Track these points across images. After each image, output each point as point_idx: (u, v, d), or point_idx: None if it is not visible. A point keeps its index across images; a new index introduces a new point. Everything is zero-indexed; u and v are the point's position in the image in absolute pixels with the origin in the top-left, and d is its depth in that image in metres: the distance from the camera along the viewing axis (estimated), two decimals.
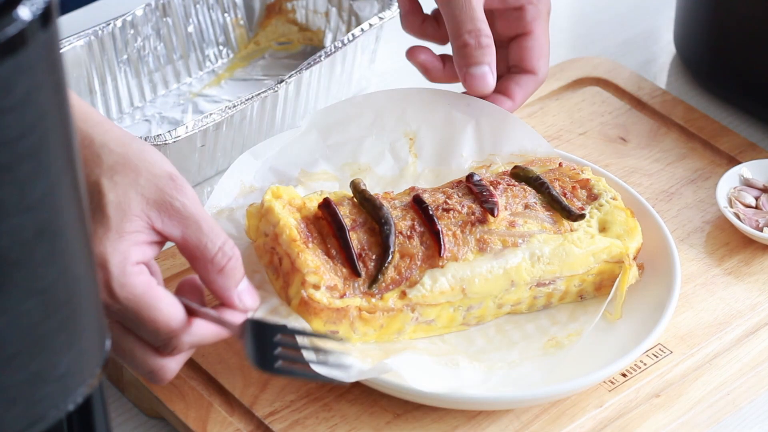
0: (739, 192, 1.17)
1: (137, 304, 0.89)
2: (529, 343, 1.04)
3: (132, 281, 0.89)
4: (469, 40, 1.11)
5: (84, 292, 0.69)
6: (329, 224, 1.03)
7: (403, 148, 1.14)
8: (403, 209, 1.05)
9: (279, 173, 1.11)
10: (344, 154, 1.13)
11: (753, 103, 1.30)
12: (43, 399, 0.67)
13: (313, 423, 0.99)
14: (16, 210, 0.62)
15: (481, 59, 1.11)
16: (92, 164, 0.91)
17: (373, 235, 1.03)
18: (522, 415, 1.00)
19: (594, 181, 1.09)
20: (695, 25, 1.33)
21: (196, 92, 1.30)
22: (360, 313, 1.00)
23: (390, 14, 1.27)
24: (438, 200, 1.05)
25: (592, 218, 1.07)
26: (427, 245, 1.02)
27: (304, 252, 1.00)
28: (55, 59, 0.63)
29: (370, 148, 1.14)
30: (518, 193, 1.07)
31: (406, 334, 1.03)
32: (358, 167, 1.13)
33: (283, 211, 1.02)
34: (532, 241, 1.03)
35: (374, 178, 1.13)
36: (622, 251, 1.05)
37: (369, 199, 1.04)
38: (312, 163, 1.12)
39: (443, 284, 1.01)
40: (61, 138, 0.64)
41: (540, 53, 1.15)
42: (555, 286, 1.05)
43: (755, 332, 1.08)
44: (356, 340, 1.01)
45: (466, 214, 1.04)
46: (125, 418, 1.03)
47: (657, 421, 1.01)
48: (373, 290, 1.01)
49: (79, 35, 1.23)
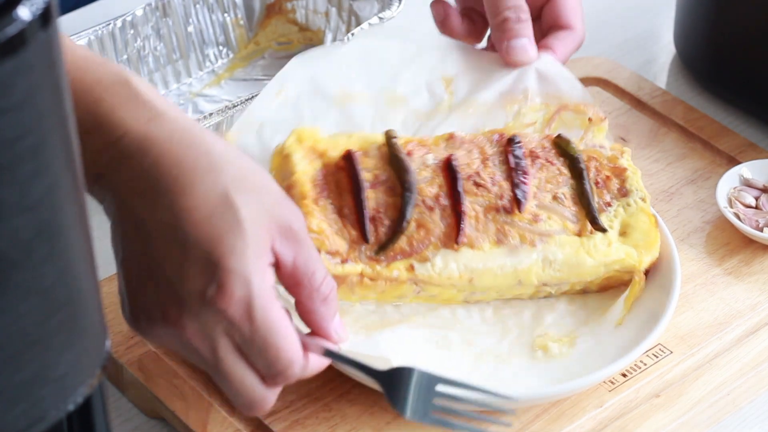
0: (739, 192, 1.17)
1: (270, 330, 0.85)
2: (520, 334, 1.03)
3: (273, 306, 0.85)
4: (510, 14, 1.13)
5: (84, 292, 0.69)
6: (348, 179, 1.02)
7: (440, 86, 1.14)
8: (434, 170, 1.03)
9: (317, 84, 1.11)
10: (382, 80, 1.13)
11: (753, 103, 1.30)
12: (43, 399, 0.67)
13: (313, 423, 0.99)
14: (16, 210, 0.62)
15: (520, 32, 1.13)
16: (208, 171, 0.86)
17: (392, 195, 1.01)
18: (522, 415, 1.00)
19: (630, 172, 1.08)
20: (695, 25, 1.33)
21: (196, 92, 1.30)
22: (361, 280, 0.99)
23: (390, 14, 1.27)
24: (471, 165, 1.04)
25: (615, 218, 1.06)
26: (447, 222, 1.01)
27: (311, 213, 0.99)
28: (55, 59, 0.63)
29: (408, 80, 1.14)
30: (552, 176, 1.05)
31: (407, 299, 1.03)
32: (393, 95, 1.13)
33: (302, 162, 1.01)
34: (549, 243, 1.02)
35: (408, 111, 1.13)
36: (635, 265, 1.04)
37: (399, 158, 1.03)
38: (350, 82, 1.12)
39: (453, 270, 1.01)
40: (61, 138, 0.64)
41: (573, 8, 1.17)
42: (559, 288, 1.05)
43: (755, 332, 1.08)
44: (355, 300, 1.01)
45: (495, 196, 1.03)
46: (125, 418, 1.03)
47: (657, 421, 1.01)
48: (380, 257, 1.00)
49: (79, 35, 1.23)
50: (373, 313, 1.02)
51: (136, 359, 1.03)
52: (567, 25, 1.17)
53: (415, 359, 0.99)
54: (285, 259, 0.88)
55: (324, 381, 1.02)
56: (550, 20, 1.17)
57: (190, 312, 0.85)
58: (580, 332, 1.03)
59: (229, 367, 0.87)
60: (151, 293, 0.87)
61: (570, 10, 1.17)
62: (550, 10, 1.17)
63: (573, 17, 1.17)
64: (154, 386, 1.01)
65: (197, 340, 0.86)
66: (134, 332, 0.91)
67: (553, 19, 1.17)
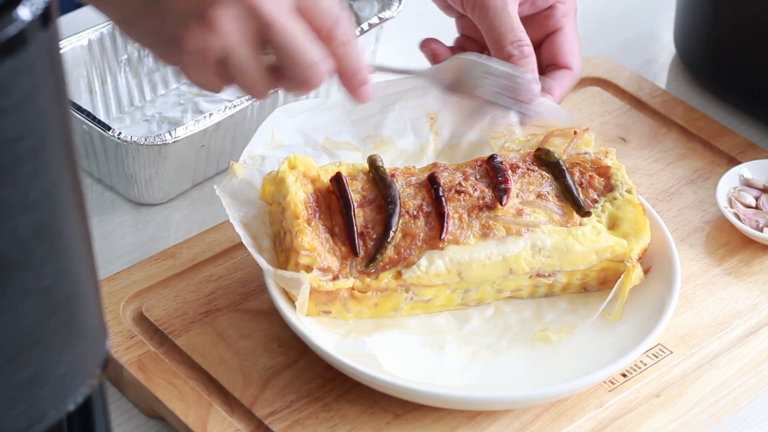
0: (739, 192, 1.17)
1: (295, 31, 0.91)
2: (521, 330, 1.04)
3: None
4: (513, 51, 1.12)
5: (84, 292, 0.69)
6: (338, 201, 1.03)
7: (425, 125, 1.15)
8: (417, 187, 1.05)
9: (305, 135, 1.12)
10: (367, 128, 1.14)
11: (753, 103, 1.30)
12: (43, 399, 0.67)
13: (313, 423, 0.99)
14: (16, 210, 0.62)
15: (526, 69, 1.12)
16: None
17: (380, 212, 1.03)
18: (522, 415, 1.00)
19: (614, 169, 1.09)
20: (695, 25, 1.33)
21: (196, 92, 1.30)
22: (351, 293, 1.00)
23: (390, 14, 1.27)
24: (454, 180, 1.05)
25: (603, 212, 1.07)
26: (431, 226, 1.03)
27: (303, 231, 1.00)
28: (55, 59, 0.63)
29: (392, 122, 1.14)
30: (535, 180, 1.07)
31: (403, 312, 1.03)
32: (380, 140, 1.14)
33: (294, 185, 1.03)
34: (536, 232, 1.03)
35: (396, 152, 1.14)
36: (626, 252, 1.05)
37: (382, 176, 1.05)
38: (336, 133, 1.13)
39: (439, 266, 1.01)
40: (61, 138, 0.64)
41: (572, 48, 1.17)
42: (556, 279, 1.05)
43: (755, 332, 1.08)
44: (350, 318, 1.02)
45: (477, 198, 1.04)
46: (125, 418, 1.03)
47: (657, 421, 1.01)
48: (370, 269, 1.01)
49: (79, 35, 1.23)
50: (366, 323, 1.03)
51: (136, 359, 1.03)
52: (565, 65, 1.16)
53: (405, 358, 0.99)
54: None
55: (324, 381, 1.02)
56: (549, 58, 1.17)
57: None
58: (581, 325, 1.04)
59: (286, 23, 0.92)
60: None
61: (569, 47, 1.16)
62: (550, 46, 1.17)
63: (572, 57, 1.16)
64: (154, 386, 1.01)
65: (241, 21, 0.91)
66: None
67: (552, 58, 1.17)
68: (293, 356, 1.03)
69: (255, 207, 1.07)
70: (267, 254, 1.03)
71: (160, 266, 1.10)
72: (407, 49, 1.26)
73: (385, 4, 1.30)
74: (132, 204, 1.20)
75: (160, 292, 1.08)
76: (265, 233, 1.05)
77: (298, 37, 0.93)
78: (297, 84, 0.95)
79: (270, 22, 0.91)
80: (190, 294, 1.08)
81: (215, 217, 1.18)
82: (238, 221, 1.04)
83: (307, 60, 0.93)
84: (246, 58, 0.93)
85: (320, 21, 0.95)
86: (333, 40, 0.95)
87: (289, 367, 1.03)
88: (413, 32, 1.25)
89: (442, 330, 1.04)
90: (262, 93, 0.96)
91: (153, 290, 1.09)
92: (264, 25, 0.92)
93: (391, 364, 0.99)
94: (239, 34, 0.91)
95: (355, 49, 0.96)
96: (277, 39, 0.92)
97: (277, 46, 0.93)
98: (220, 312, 1.07)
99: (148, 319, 1.06)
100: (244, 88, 0.96)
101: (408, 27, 1.33)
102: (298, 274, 0.99)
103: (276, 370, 1.02)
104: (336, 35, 0.95)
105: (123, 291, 1.08)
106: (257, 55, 0.93)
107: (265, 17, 0.91)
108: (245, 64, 0.93)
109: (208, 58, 0.92)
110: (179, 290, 1.09)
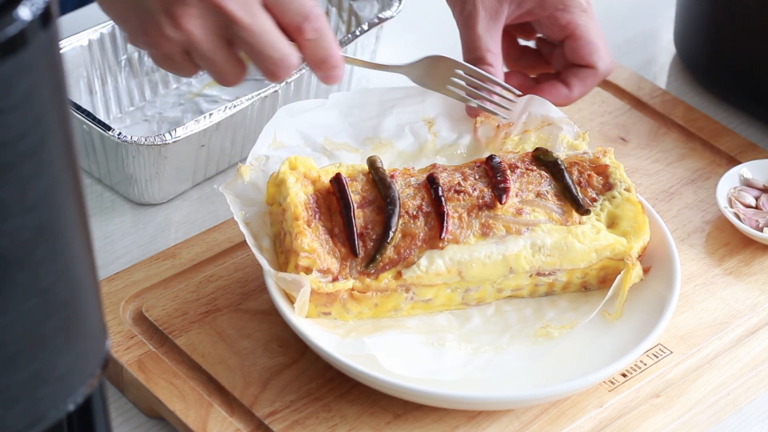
0: (739, 192, 1.17)
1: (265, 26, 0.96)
2: (522, 328, 1.04)
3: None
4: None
5: (84, 292, 0.69)
6: (338, 201, 1.03)
7: (423, 128, 1.15)
8: (416, 188, 1.05)
9: (305, 136, 1.13)
10: (365, 130, 1.14)
11: (753, 103, 1.30)
12: (44, 399, 0.67)
13: (313, 423, 0.99)
14: (16, 210, 0.62)
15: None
16: None
17: (380, 213, 1.04)
18: (522, 415, 1.00)
19: (612, 168, 1.09)
20: (695, 25, 1.33)
21: (196, 92, 1.30)
22: (351, 293, 1.01)
23: (390, 14, 1.27)
24: (453, 181, 1.05)
25: (602, 211, 1.07)
26: (431, 226, 1.03)
27: (302, 233, 1.00)
28: (55, 59, 0.63)
29: (390, 126, 1.15)
30: (534, 179, 1.07)
31: (403, 312, 1.03)
32: (379, 142, 1.14)
33: (295, 186, 1.03)
34: (536, 231, 1.04)
35: (395, 153, 1.14)
36: (626, 250, 1.05)
37: (381, 177, 1.05)
38: (335, 134, 1.14)
39: (439, 266, 1.01)
40: (61, 138, 0.64)
41: (591, 48, 1.14)
42: (556, 277, 1.05)
43: (755, 332, 1.08)
44: (350, 319, 1.02)
45: (476, 198, 1.04)
46: (125, 418, 1.03)
47: (657, 421, 1.01)
48: (370, 270, 1.01)
49: (79, 35, 1.23)
50: (366, 323, 1.03)
51: (136, 359, 1.03)
52: (588, 64, 1.15)
53: (405, 356, 0.99)
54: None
55: (324, 381, 1.02)
56: (570, 57, 1.16)
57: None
58: (582, 320, 1.04)
59: (254, 18, 0.96)
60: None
61: (591, 49, 1.14)
62: (570, 45, 1.15)
63: (595, 57, 1.14)
64: (154, 386, 1.01)
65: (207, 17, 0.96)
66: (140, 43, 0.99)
67: (573, 57, 1.15)
68: (293, 356, 1.03)
69: (256, 206, 1.07)
70: (267, 255, 1.03)
71: (160, 266, 1.11)
72: (407, 49, 1.26)
73: (385, 4, 1.30)
74: (132, 204, 1.20)
75: (160, 292, 1.08)
76: (266, 233, 1.05)
77: (263, 33, 0.96)
78: (266, 75, 0.99)
79: (234, 19, 0.96)
80: (190, 294, 1.08)
81: (215, 217, 1.18)
82: (242, 219, 1.04)
83: (273, 55, 0.97)
84: (210, 52, 0.97)
85: (289, 17, 0.98)
86: (302, 34, 0.99)
87: (289, 367, 1.03)
88: (413, 32, 1.25)
89: (443, 329, 1.04)
90: (232, 82, 1.00)
91: (153, 290, 1.09)
92: (229, 22, 0.96)
93: (391, 363, 0.99)
94: (202, 30, 0.96)
95: (324, 42, 1.00)
96: (241, 35, 0.96)
97: (242, 42, 0.97)
98: (220, 312, 1.07)
99: (148, 319, 1.06)
100: (212, 76, 1.00)
101: (408, 27, 1.33)
102: (299, 277, 0.99)
103: (276, 370, 1.02)
104: (305, 30, 0.99)
105: (123, 291, 1.08)
106: (224, 47, 0.97)
107: (229, 15, 0.95)
108: (210, 56, 0.97)
109: (173, 51, 0.97)
110: (179, 290, 1.09)
